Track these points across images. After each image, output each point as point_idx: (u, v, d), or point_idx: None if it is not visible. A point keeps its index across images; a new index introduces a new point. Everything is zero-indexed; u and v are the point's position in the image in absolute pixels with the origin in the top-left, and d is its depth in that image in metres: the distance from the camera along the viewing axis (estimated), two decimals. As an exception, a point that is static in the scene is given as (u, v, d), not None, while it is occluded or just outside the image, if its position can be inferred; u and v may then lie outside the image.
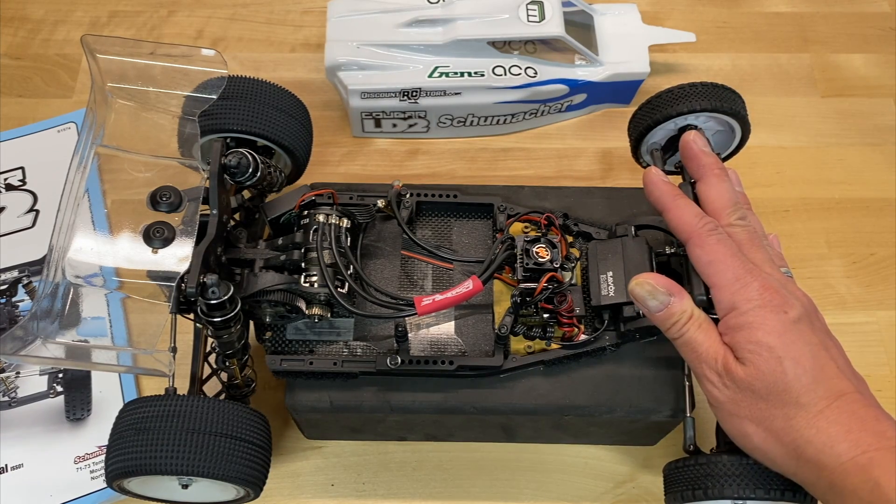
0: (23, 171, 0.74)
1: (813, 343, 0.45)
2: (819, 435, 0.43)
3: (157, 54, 0.56)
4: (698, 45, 0.81)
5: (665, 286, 0.48)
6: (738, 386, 0.45)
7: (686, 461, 0.50)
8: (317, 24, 0.85)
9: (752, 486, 0.47)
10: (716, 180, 0.52)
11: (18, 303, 0.68)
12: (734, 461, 0.48)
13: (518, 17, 0.72)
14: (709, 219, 0.49)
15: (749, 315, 0.45)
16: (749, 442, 0.46)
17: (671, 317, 0.48)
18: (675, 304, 0.48)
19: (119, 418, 0.50)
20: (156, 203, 0.52)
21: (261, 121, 0.59)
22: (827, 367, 0.45)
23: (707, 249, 0.48)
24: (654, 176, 0.53)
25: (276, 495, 0.62)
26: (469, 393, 0.55)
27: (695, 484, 0.49)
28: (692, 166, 0.54)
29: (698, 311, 0.48)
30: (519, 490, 0.62)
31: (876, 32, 0.85)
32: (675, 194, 0.51)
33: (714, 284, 0.47)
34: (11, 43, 0.83)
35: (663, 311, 0.48)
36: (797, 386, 0.44)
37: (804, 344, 0.45)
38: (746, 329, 0.45)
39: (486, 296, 0.56)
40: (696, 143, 0.54)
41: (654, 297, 0.48)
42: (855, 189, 0.76)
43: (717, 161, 0.53)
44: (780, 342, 0.44)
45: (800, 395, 0.44)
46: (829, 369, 0.45)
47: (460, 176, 0.76)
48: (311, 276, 0.53)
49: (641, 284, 0.49)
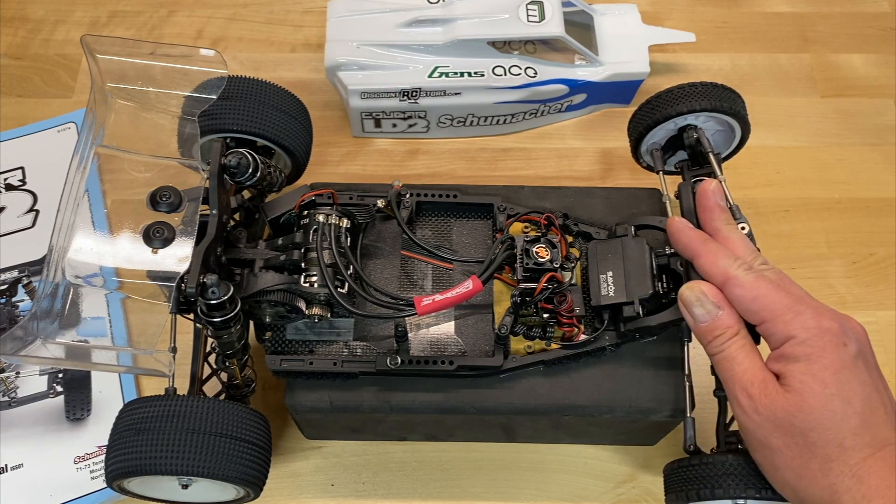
0: (23, 171, 0.74)
1: (866, 383, 0.43)
2: (859, 486, 0.41)
3: (157, 54, 0.56)
4: (698, 45, 0.81)
5: (716, 297, 0.47)
6: (775, 415, 0.44)
7: (686, 461, 0.50)
8: (317, 24, 0.85)
9: (752, 487, 0.47)
10: (732, 232, 0.51)
11: (18, 303, 0.68)
12: (734, 461, 0.48)
13: (518, 17, 0.72)
14: (742, 259, 0.48)
15: (807, 345, 0.44)
16: (779, 476, 0.44)
17: (715, 329, 0.47)
18: (723, 318, 0.47)
19: (119, 418, 0.50)
20: (156, 203, 0.52)
21: (261, 121, 0.59)
22: (877, 411, 0.43)
23: (748, 287, 0.46)
24: (680, 223, 0.51)
25: (276, 495, 0.62)
26: (469, 393, 0.55)
27: (695, 484, 0.49)
28: (706, 217, 0.52)
29: (745, 330, 0.47)
30: (519, 490, 0.62)
31: (876, 32, 0.85)
32: (704, 239, 0.50)
33: (764, 319, 0.46)
34: (11, 43, 0.83)
35: (708, 323, 0.47)
36: (844, 427, 0.42)
37: (858, 384, 0.43)
38: (804, 360, 0.44)
39: (486, 296, 0.56)
40: (715, 195, 0.52)
41: (701, 304, 0.47)
42: (855, 189, 0.76)
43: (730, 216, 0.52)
44: (834, 379, 0.43)
45: (845, 437, 0.42)
46: (879, 414, 0.43)
47: (460, 176, 0.76)
48: (311, 276, 0.53)
49: (692, 288, 0.48)
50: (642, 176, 0.70)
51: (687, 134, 0.61)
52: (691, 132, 0.60)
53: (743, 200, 0.58)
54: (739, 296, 0.47)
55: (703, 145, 0.59)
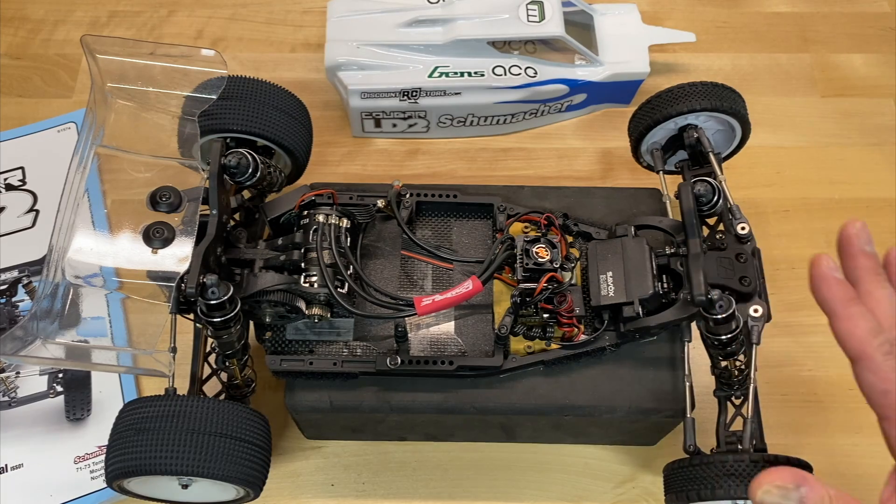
0: (23, 171, 0.74)
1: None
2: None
3: (156, 54, 0.56)
4: (698, 45, 0.81)
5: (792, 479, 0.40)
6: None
7: (686, 461, 0.50)
8: (317, 24, 0.85)
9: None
10: (878, 287, 0.44)
11: (18, 303, 0.68)
12: (734, 461, 0.48)
13: (518, 17, 0.72)
14: (885, 337, 0.42)
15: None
16: None
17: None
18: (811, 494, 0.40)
19: (119, 418, 0.50)
20: (156, 203, 0.52)
21: (261, 121, 0.59)
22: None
23: (881, 377, 0.41)
24: (826, 270, 0.44)
25: (276, 495, 0.62)
26: (469, 393, 0.55)
27: (695, 484, 0.49)
28: (849, 266, 0.45)
29: (834, 490, 0.40)
30: (519, 490, 0.62)
31: (876, 32, 0.85)
32: (848, 299, 0.43)
33: (888, 417, 0.41)
34: (11, 43, 0.83)
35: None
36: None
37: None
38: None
39: (486, 296, 0.56)
40: (860, 238, 0.46)
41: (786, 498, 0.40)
42: (855, 189, 0.76)
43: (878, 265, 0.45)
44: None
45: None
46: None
47: (460, 176, 0.76)
48: (311, 276, 0.53)
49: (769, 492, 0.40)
50: (642, 176, 0.70)
51: (687, 134, 0.61)
52: (691, 132, 0.60)
53: (743, 200, 0.58)
54: (870, 382, 0.41)
55: (704, 145, 0.59)
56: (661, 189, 0.61)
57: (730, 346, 0.51)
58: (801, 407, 0.66)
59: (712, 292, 0.49)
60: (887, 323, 0.42)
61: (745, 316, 0.51)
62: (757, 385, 0.51)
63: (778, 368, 0.67)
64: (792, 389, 0.66)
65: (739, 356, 0.53)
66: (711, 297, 0.49)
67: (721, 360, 0.53)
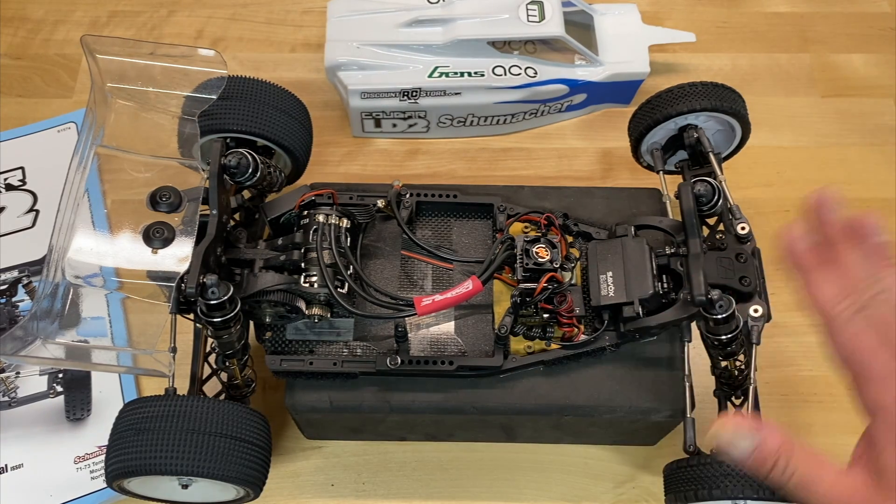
0: (23, 171, 0.74)
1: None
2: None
3: (156, 54, 0.56)
4: (698, 45, 0.81)
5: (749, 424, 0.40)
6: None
7: (686, 461, 0.50)
8: (317, 24, 0.85)
9: (750, 487, 0.47)
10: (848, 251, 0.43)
11: (18, 303, 0.68)
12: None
13: (518, 17, 0.72)
14: (850, 301, 0.41)
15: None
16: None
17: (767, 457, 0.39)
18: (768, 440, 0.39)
19: (119, 418, 0.50)
20: (156, 203, 0.52)
21: (261, 121, 0.59)
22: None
23: (847, 337, 0.40)
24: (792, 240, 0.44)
25: (276, 495, 0.62)
26: (469, 393, 0.55)
27: (695, 484, 0.49)
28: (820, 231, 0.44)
29: (798, 440, 0.39)
30: (519, 490, 0.62)
31: (876, 32, 0.85)
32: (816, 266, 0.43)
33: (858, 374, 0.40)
34: (11, 43, 0.83)
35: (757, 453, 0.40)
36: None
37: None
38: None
39: (486, 296, 0.56)
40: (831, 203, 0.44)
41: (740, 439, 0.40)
42: (855, 189, 0.75)
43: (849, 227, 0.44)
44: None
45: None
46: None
47: (460, 176, 0.76)
48: (311, 276, 0.53)
49: (722, 427, 0.40)
50: (642, 176, 0.70)
51: (687, 134, 0.61)
52: (691, 132, 0.60)
53: (743, 200, 0.58)
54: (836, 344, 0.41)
55: (704, 145, 0.59)
56: (661, 189, 0.61)
57: (730, 346, 0.51)
58: (801, 407, 0.66)
59: (712, 292, 0.49)
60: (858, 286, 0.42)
61: (745, 316, 0.51)
62: (757, 385, 0.51)
63: (778, 368, 0.67)
64: (792, 389, 0.66)
65: (739, 356, 0.53)
66: (711, 297, 0.49)
67: (721, 361, 0.53)
